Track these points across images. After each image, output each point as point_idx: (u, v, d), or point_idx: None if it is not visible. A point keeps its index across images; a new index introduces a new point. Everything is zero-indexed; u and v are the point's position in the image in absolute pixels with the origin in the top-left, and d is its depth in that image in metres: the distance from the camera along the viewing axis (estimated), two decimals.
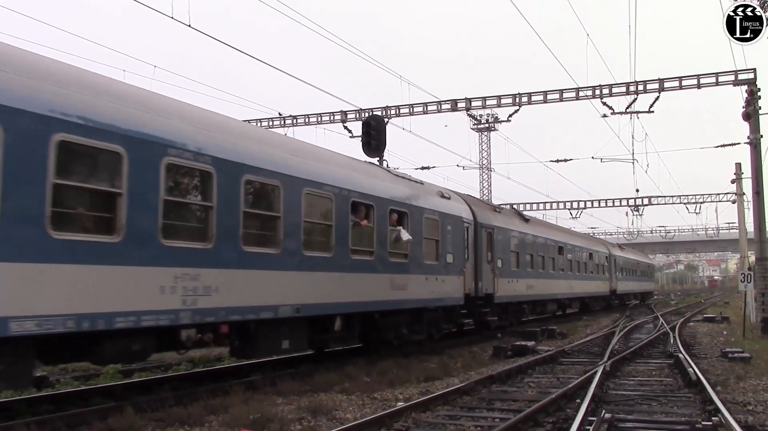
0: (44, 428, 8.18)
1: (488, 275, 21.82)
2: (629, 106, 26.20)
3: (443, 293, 18.30)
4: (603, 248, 43.22)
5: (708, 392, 10.95)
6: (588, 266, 37.71)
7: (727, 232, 78.87)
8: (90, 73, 9.64)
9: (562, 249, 32.34)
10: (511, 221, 25.61)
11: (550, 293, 29.84)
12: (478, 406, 10.66)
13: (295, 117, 30.62)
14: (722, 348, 18.29)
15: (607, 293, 42.59)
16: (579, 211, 55.06)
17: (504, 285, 23.13)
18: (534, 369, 14.94)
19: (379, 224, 15.12)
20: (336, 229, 13.48)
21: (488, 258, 22.02)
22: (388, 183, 16.33)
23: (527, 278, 26.17)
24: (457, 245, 19.27)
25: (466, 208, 20.64)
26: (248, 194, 11.24)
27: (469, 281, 19.95)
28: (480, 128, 51.05)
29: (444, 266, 18.32)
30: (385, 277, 15.33)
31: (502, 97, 27.77)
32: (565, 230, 39.46)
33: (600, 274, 40.62)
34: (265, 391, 11.46)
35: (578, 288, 35.35)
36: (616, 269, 45.25)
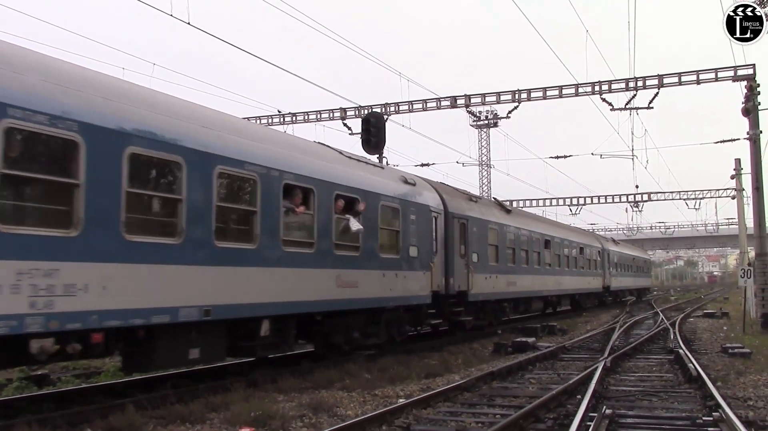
0: (45, 426, 8.18)
1: (461, 270, 19.83)
2: (628, 103, 26.21)
3: (406, 290, 16.40)
4: (595, 242, 41.29)
5: (708, 387, 10.96)
6: (579, 261, 35.51)
7: (727, 228, 78.96)
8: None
9: (549, 243, 30.11)
10: (489, 211, 23.48)
11: (535, 289, 27.65)
12: (479, 402, 10.67)
13: (295, 114, 30.60)
14: (722, 344, 18.32)
15: (600, 289, 40.78)
16: (579, 207, 55.09)
17: (480, 282, 21.11)
18: (534, 365, 14.96)
19: (321, 212, 13.11)
20: (262, 216, 11.42)
21: (461, 252, 20.00)
22: (334, 165, 14.29)
23: (508, 274, 24.06)
24: (424, 236, 17.41)
25: (434, 196, 18.77)
26: (135, 170, 9.20)
27: (437, 277, 18.07)
28: (479, 125, 51.16)
29: (406, 260, 16.47)
30: (329, 273, 13.35)
31: (501, 93, 27.78)
32: (553, 222, 37.39)
33: (592, 269, 38.63)
34: (265, 388, 11.47)
35: (568, 285, 33.14)
36: (610, 264, 43.24)
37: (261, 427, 8.60)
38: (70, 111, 8.35)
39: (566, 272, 32.86)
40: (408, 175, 18.15)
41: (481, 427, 8.76)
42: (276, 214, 11.89)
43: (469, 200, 21.94)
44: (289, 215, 12.39)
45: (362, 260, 14.57)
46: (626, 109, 26.47)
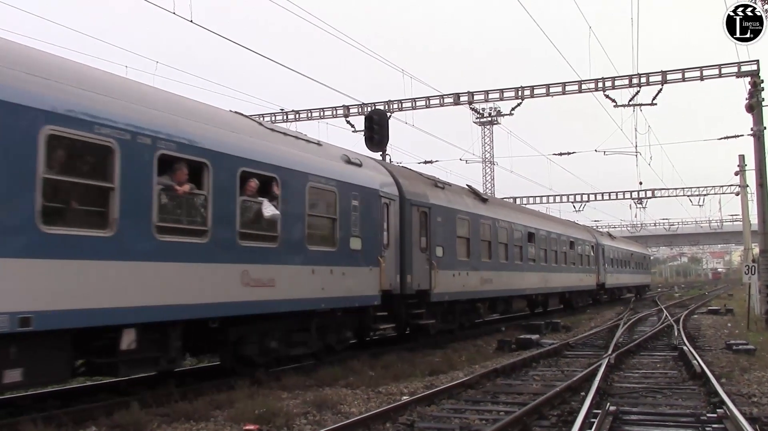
0: (50, 424, 8.19)
1: (422, 266, 17.24)
2: (632, 99, 26.17)
3: (345, 290, 13.92)
4: (589, 236, 38.50)
5: (713, 384, 10.96)
6: (569, 256, 32.70)
7: (731, 224, 78.71)
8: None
9: (533, 236, 27.31)
10: (459, 199, 20.73)
11: (516, 287, 24.84)
12: (483, 399, 10.68)
13: (298, 112, 30.64)
14: (726, 340, 18.29)
15: (594, 287, 38.14)
16: (582, 204, 55.03)
17: (446, 279, 18.47)
18: (538, 362, 14.97)
19: (219, 192, 10.51)
20: (123, 195, 8.90)
21: (422, 245, 17.39)
22: (242, 136, 11.66)
23: (483, 271, 21.45)
24: (371, 226, 14.92)
25: (387, 179, 16.35)
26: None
27: (389, 274, 15.59)
28: (482, 122, 51.11)
29: (346, 254, 13.97)
30: (230, 269, 10.73)
31: (504, 90, 27.78)
32: (538, 214, 34.29)
33: (585, 265, 35.98)
34: (269, 386, 11.48)
35: (556, 282, 30.34)
36: (605, 260, 40.70)
37: (265, 425, 8.62)
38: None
39: (554, 269, 30.09)
40: (352, 154, 15.66)
41: (485, 424, 8.75)
42: (146, 193, 9.36)
43: (434, 186, 19.32)
44: (170, 195, 9.86)
45: (282, 254, 12.02)
46: (630, 105, 26.46)
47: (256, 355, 12.08)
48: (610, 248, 42.77)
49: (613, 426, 8.50)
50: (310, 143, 13.99)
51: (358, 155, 16.13)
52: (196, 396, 10.27)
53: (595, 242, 38.98)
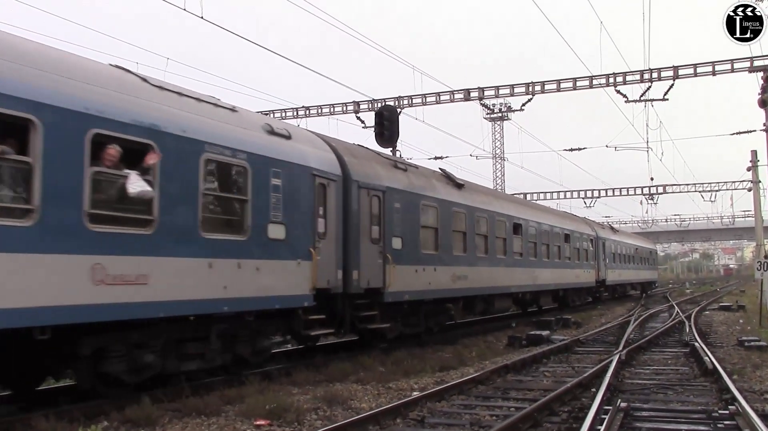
0: (62, 419, 8.24)
1: (373, 260, 14.64)
2: (643, 95, 26.10)
3: (259, 288, 11.16)
4: (587, 229, 35.28)
5: (724, 381, 10.91)
6: (563, 250, 29.61)
7: (743, 220, 78.27)
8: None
9: (520, 228, 24.30)
10: (426, 184, 17.89)
11: (497, 285, 21.88)
12: (493, 395, 10.67)
13: (308, 108, 30.67)
14: (738, 337, 18.21)
15: (593, 283, 35.06)
16: (593, 200, 54.84)
17: (406, 276, 15.82)
18: (549, 358, 14.93)
19: (52, 159, 7.98)
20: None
21: (373, 235, 14.69)
22: (98, 88, 8.96)
23: (455, 266, 18.61)
24: (299, 211, 12.27)
25: (326, 156, 13.66)
26: None
27: (327, 269, 13.00)
28: (493, 118, 50.96)
29: (262, 244, 11.28)
30: (72, 261, 8.20)
31: (515, 86, 27.72)
32: (528, 204, 31.48)
33: (582, 260, 32.91)
34: (280, 381, 11.51)
35: (548, 278, 27.28)
36: (606, 254, 37.62)
37: (276, 420, 8.64)
38: None
39: (546, 264, 27.02)
40: (281, 124, 13.34)
41: (495, 420, 8.75)
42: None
43: (393, 167, 16.59)
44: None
45: (159, 243, 9.43)
46: (641, 101, 26.38)
47: (124, 373, 9.48)
48: (611, 242, 39.94)
49: (624, 423, 8.47)
50: (218, 107, 11.24)
51: (288, 125, 13.75)
52: (207, 391, 10.33)
53: (595, 235, 36.07)
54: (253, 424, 8.47)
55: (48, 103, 8.04)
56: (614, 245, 40.52)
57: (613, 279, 39.67)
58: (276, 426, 8.47)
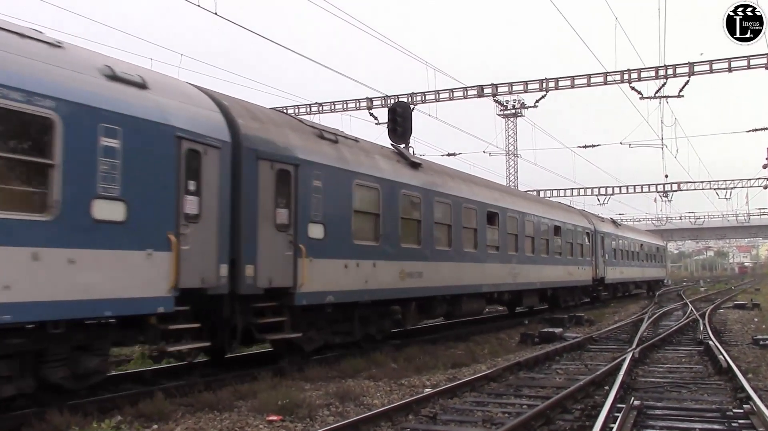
0: (76, 413, 8.30)
1: (278, 252, 11.63)
2: (658, 91, 25.95)
3: (78, 289, 8.20)
4: (583, 221, 31.84)
5: (739, 379, 10.83)
6: (552, 244, 26.25)
7: (758, 218, 77.87)
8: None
9: (497, 218, 21.03)
10: (363, 159, 14.65)
11: (466, 283, 18.65)
12: (506, 393, 10.65)
13: (321, 104, 30.71)
14: (753, 335, 18.08)
15: (589, 281, 31.64)
16: (607, 197, 54.64)
17: (329, 272, 12.87)
18: (561, 355, 14.90)
19: None
20: None
21: (279, 220, 11.63)
22: None
23: (404, 261, 15.42)
24: (151, 184, 9.27)
25: (202, 113, 10.52)
26: None
27: (201, 262, 9.99)
28: (506, 114, 50.81)
29: (83, 227, 8.32)
30: None
31: (528, 82, 27.66)
32: (509, 191, 27.22)
33: (576, 256, 29.36)
34: (292, 377, 11.54)
35: (531, 275, 23.73)
36: (605, 250, 34.44)
37: (288, 415, 8.67)
38: None
39: (530, 260, 23.74)
40: (131, 67, 9.89)
41: (507, 417, 8.73)
42: None
43: (317, 137, 13.42)
44: None
45: None
46: (656, 97, 26.26)
47: None
48: (612, 236, 36.58)
49: (638, 421, 8.42)
50: (29, 39, 8.35)
51: (155, 73, 10.68)
52: (219, 386, 10.36)
53: (592, 229, 32.67)
54: (266, 419, 8.50)
55: None
56: (616, 241, 37.37)
57: (613, 277, 36.28)
58: (288, 421, 8.49)
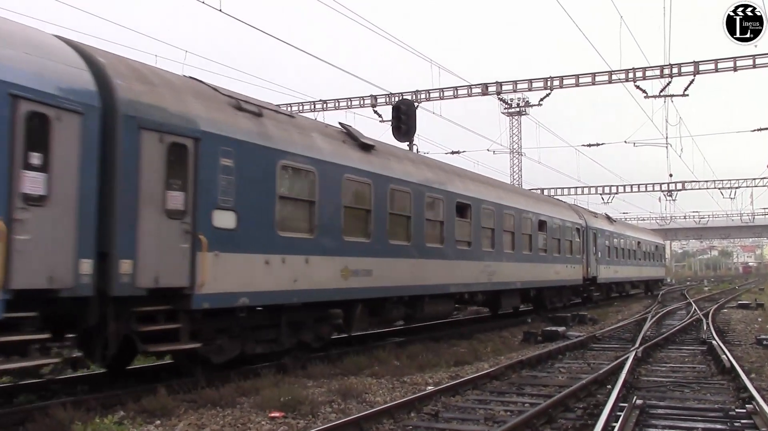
0: (80, 408, 8.31)
1: (169, 244, 9.61)
2: (663, 90, 25.90)
3: None
4: (572, 216, 29.39)
5: (742, 379, 10.82)
6: (536, 240, 23.77)
7: (763, 217, 77.73)
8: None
9: (469, 210, 18.78)
10: (296, 137, 12.52)
11: (430, 283, 16.47)
12: (508, 391, 10.65)
13: (326, 102, 30.72)
14: (757, 335, 18.04)
15: (579, 281, 29.17)
16: (611, 196, 54.59)
17: (244, 269, 10.87)
18: (564, 354, 14.89)
19: None
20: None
21: (171, 205, 9.60)
22: None
23: (346, 257, 13.36)
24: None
25: (60, 70, 8.57)
26: None
27: (45, 255, 8.07)
28: (510, 112, 50.79)
29: None
30: None
31: (533, 80, 27.66)
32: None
33: (564, 254, 26.87)
34: (295, 374, 11.56)
35: (510, 275, 21.45)
36: (598, 247, 32.07)
37: (290, 412, 8.68)
38: None
39: (509, 257, 21.43)
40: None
41: (509, 416, 8.73)
42: None
43: (234, 109, 11.28)
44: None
45: None
46: (661, 96, 26.20)
47: None
48: (606, 233, 34.19)
49: (640, 420, 8.42)
50: None
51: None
52: (222, 382, 10.37)
53: (584, 224, 30.25)
54: (268, 416, 8.51)
55: None
56: (610, 238, 34.96)
57: (606, 276, 33.86)
58: (290, 418, 8.50)
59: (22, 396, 9.32)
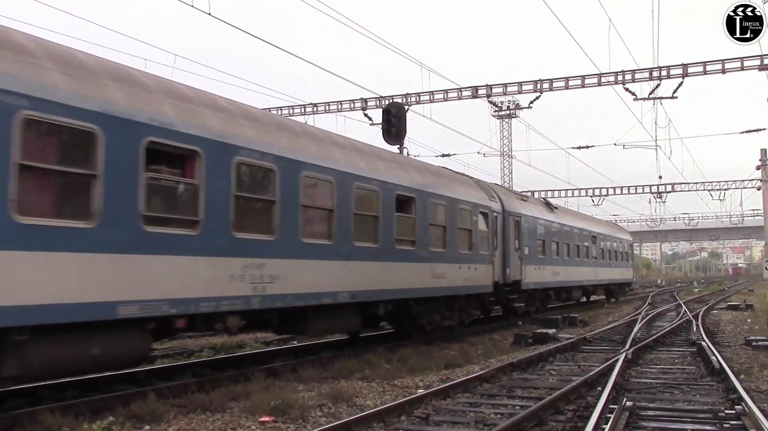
0: (68, 413, 8.27)
1: None
2: (652, 92, 26.02)
3: None
4: (476, 195, 20.17)
5: (731, 380, 10.86)
6: (389, 227, 15.02)
7: (752, 219, 78.07)
8: None
9: (272, 175, 11.58)
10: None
11: (167, 296, 9.37)
12: (499, 393, 10.66)
13: (316, 105, 30.69)
14: (746, 336, 18.13)
15: (488, 287, 20.03)
16: (601, 198, 54.77)
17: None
18: (555, 356, 14.91)
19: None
20: None
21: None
22: None
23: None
24: None
25: None
26: None
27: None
28: (501, 115, 50.82)
29: None
30: None
31: (523, 83, 27.70)
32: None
33: (455, 249, 18.02)
34: (286, 378, 11.53)
35: (331, 281, 12.97)
36: (524, 241, 23.44)
37: (281, 416, 8.65)
38: None
39: (317, 252, 12.70)
40: None
41: (500, 418, 8.74)
42: None
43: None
44: None
45: None
46: (650, 99, 26.33)
47: None
48: (538, 222, 25.43)
49: (630, 422, 8.44)
50: None
51: None
52: (212, 387, 10.35)
53: (498, 208, 21.39)
54: (258, 420, 8.48)
55: None
56: (547, 229, 26.35)
57: (539, 280, 25.16)
58: (281, 422, 8.47)
59: (9, 401, 9.26)
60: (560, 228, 28.35)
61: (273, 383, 10.84)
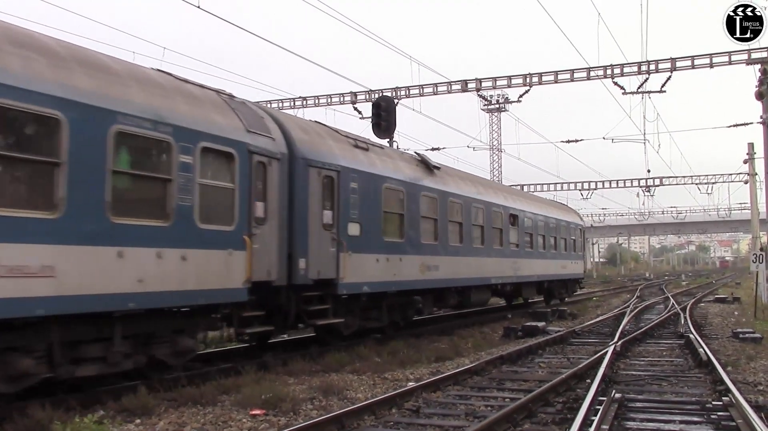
0: (59, 407, 8.26)
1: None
2: (641, 86, 26.09)
3: None
4: (224, 124, 10.81)
5: (719, 372, 10.96)
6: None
7: (739, 212, 78.53)
8: None
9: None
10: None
11: None
12: (489, 386, 10.72)
13: (305, 98, 30.63)
14: (733, 329, 18.28)
15: (240, 295, 10.84)
16: (590, 192, 54.95)
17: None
18: (544, 349, 14.98)
19: None
20: None
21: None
22: None
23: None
24: None
25: None
26: None
27: None
28: (490, 109, 50.87)
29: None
30: None
31: (512, 77, 27.70)
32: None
33: (183, 224, 9.68)
34: (276, 371, 11.54)
35: None
36: (345, 212, 13.84)
37: (272, 409, 8.67)
38: None
39: None
40: None
41: (490, 410, 8.78)
42: None
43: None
44: None
45: None
46: (638, 92, 26.37)
47: None
48: (383, 183, 15.47)
49: (619, 413, 8.51)
50: None
51: None
52: (203, 380, 10.34)
53: (274, 146, 12.02)
54: (249, 413, 8.50)
55: None
56: (411, 197, 16.72)
57: (386, 278, 15.45)
58: (271, 415, 8.49)
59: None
60: (443, 198, 18.46)
61: (264, 376, 10.84)
